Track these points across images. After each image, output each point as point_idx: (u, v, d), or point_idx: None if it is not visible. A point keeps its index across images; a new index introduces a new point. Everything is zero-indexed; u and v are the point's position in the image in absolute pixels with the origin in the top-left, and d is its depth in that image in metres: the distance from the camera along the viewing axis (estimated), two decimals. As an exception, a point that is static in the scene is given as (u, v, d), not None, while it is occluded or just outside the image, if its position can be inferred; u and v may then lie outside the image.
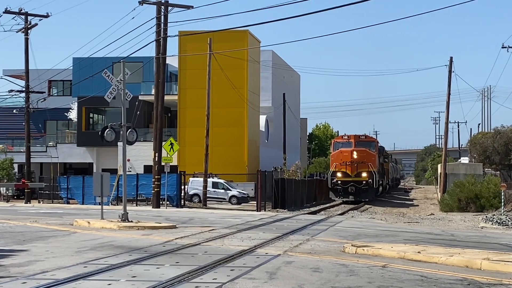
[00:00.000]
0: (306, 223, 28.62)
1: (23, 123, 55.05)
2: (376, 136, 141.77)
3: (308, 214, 40.20)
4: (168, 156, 42.67)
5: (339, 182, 53.92)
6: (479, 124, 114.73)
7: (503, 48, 54.61)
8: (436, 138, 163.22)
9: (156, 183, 41.59)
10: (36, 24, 51.70)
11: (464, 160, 73.33)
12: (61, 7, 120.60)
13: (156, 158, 41.57)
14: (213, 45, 48.33)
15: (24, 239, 19.84)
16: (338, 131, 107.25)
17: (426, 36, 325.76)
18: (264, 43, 79.80)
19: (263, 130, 67.66)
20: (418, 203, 61.18)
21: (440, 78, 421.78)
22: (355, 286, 12.14)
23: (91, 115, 67.96)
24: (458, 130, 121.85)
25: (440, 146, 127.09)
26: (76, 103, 65.01)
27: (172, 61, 61.06)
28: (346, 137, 56.47)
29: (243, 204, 49.10)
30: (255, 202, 43.17)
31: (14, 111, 59.69)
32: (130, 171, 52.41)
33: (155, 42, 41.44)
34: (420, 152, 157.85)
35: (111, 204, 45.54)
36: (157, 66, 42.42)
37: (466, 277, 13.36)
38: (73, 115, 67.33)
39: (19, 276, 12.76)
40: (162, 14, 41.19)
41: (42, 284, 11.89)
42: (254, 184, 47.14)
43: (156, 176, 41.54)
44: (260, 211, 40.49)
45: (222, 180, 51.64)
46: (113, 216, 27.91)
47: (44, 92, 58.06)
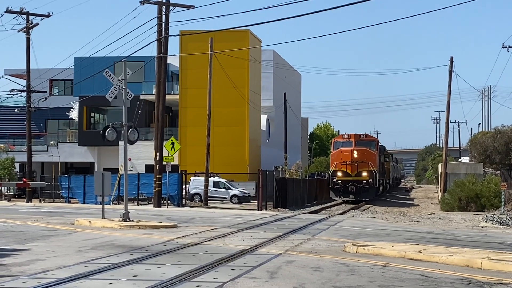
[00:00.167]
0: (307, 223, 28.63)
1: (25, 123, 55.09)
2: (377, 136, 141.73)
3: (309, 213, 40.18)
4: (169, 155, 42.70)
5: (340, 181, 53.23)
6: (479, 123, 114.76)
7: (503, 48, 54.60)
8: (436, 138, 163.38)
9: (157, 182, 41.62)
10: (38, 24, 51.77)
11: (465, 159, 73.34)
12: (62, 7, 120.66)
13: (157, 157, 41.60)
14: (214, 44, 48.36)
15: (25, 238, 19.87)
16: (339, 131, 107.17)
17: (426, 36, 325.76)
18: (265, 43, 79.81)
19: (264, 130, 67.68)
20: (418, 202, 61.13)
21: (441, 77, 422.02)
22: (356, 286, 12.16)
23: (93, 115, 68.01)
24: (459, 129, 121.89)
25: (441, 146, 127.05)
26: (78, 102, 65.09)
27: (173, 60, 61.07)
28: (347, 136, 55.78)
29: (244, 203, 49.11)
30: (256, 202, 43.17)
31: (16, 110, 59.76)
32: (131, 171, 52.46)
33: (156, 41, 41.47)
34: (420, 152, 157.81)
35: (112, 203, 45.56)
36: (158, 65, 42.45)
37: (467, 276, 13.38)
38: (74, 114, 67.39)
39: (21, 275, 12.79)
40: (163, 13, 41.23)
41: (43, 283, 11.92)
42: (255, 184, 47.14)
43: (157, 176, 41.57)
44: (261, 210, 40.49)
45: (223, 180, 51.66)
46: (114, 215, 27.94)
47: (46, 92, 58.14)
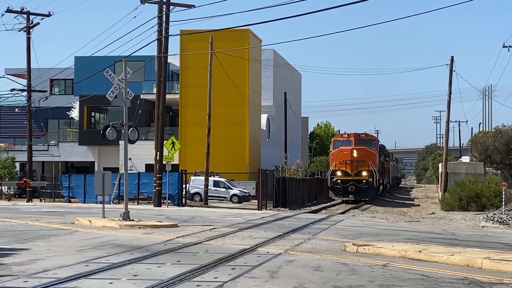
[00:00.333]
0: (307, 222, 28.64)
1: (25, 122, 55.10)
2: (377, 135, 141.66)
3: (309, 213, 40.19)
4: (170, 155, 42.71)
5: (339, 181, 52.53)
6: (480, 123, 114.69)
7: (504, 47, 54.73)
8: (437, 137, 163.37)
9: (157, 181, 41.63)
10: (38, 23, 51.78)
11: (465, 159, 73.22)
12: (63, 6, 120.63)
13: (158, 157, 41.61)
14: (214, 44, 48.36)
15: (26, 238, 19.88)
16: (339, 130, 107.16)
17: (427, 36, 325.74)
18: (265, 42, 79.82)
19: (264, 129, 67.68)
20: (419, 202, 61.12)
21: (441, 77, 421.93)
22: (356, 285, 12.15)
23: (93, 114, 68.01)
24: (459, 129, 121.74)
25: (441, 145, 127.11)
26: (78, 102, 65.10)
27: (174, 60, 61.06)
28: (346, 135, 55.19)
29: (244, 203, 49.11)
30: (256, 201, 43.18)
31: (16, 110, 59.83)
32: (132, 170, 52.44)
33: (156, 41, 41.48)
34: (421, 151, 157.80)
35: (113, 203, 45.54)
36: (158, 65, 42.45)
37: (467, 276, 13.38)
38: (74, 114, 67.39)
39: (21, 275, 12.79)
40: (164, 13, 41.23)
41: (43, 282, 11.91)
42: (255, 183, 47.14)
43: (157, 175, 41.58)
44: (261, 210, 40.50)
45: (223, 179, 51.65)
46: (114, 214, 27.95)
47: (46, 91, 58.21)
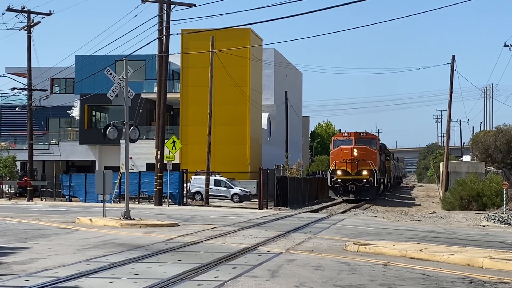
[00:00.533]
0: (308, 221, 28.62)
1: (26, 121, 55.10)
2: (378, 134, 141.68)
3: (310, 212, 40.16)
4: (171, 154, 42.69)
5: (339, 180, 52.14)
6: (481, 122, 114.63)
7: (505, 46, 54.75)
8: (438, 137, 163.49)
9: (158, 181, 41.61)
10: (39, 22, 51.73)
11: (466, 158, 73.18)
12: (63, 5, 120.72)
13: (159, 156, 41.59)
14: (215, 43, 48.33)
15: (27, 237, 19.88)
16: (340, 129, 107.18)
17: (428, 35, 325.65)
18: (266, 41, 79.68)
19: (265, 128, 67.66)
20: (420, 201, 61.10)
21: (442, 76, 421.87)
22: (357, 285, 12.14)
23: (94, 113, 68.02)
24: (460, 128, 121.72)
25: (442, 145, 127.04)
26: (79, 101, 65.13)
27: (175, 59, 61.04)
28: (346, 134, 54.79)
29: (245, 202, 49.08)
30: (257, 200, 43.15)
31: (17, 109, 59.78)
32: (133, 169, 52.43)
33: (157, 40, 41.46)
34: (422, 150, 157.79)
35: (113, 202, 45.56)
36: (159, 64, 42.44)
37: (468, 275, 13.37)
38: (75, 113, 67.40)
39: (22, 274, 12.78)
40: (165, 12, 41.21)
41: (44, 281, 11.91)
42: (256, 182, 47.09)
43: (158, 174, 41.56)
44: (262, 209, 40.48)
45: (224, 178, 51.62)
46: (115, 214, 27.94)
47: (47, 90, 58.20)
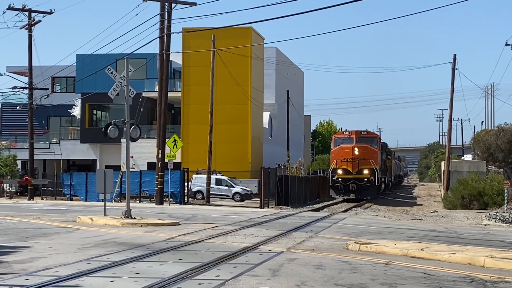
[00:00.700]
0: (309, 220, 28.62)
1: (27, 120, 55.11)
2: (380, 133, 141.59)
3: (311, 211, 40.16)
4: (172, 153, 42.66)
5: (340, 179, 51.93)
6: (482, 121, 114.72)
7: (506, 45, 54.67)
8: (439, 136, 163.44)
9: (159, 180, 41.59)
10: (40, 21, 51.73)
11: (468, 157, 73.16)
12: (64, 4, 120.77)
13: (160, 155, 41.58)
14: (216, 42, 48.27)
15: (27, 236, 19.87)
16: (341, 128, 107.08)
17: (429, 34, 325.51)
18: (267, 40, 79.57)
19: (267, 127, 67.65)
20: (421, 200, 61.09)
21: (444, 75, 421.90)
22: (358, 283, 12.12)
23: (95, 112, 68.03)
24: (462, 127, 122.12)
25: (444, 144, 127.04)
26: (80, 99, 65.13)
27: (176, 57, 61.05)
28: (347, 132, 54.51)
29: (246, 201, 49.05)
30: (259, 199, 43.13)
31: (18, 107, 59.79)
32: (134, 168, 52.43)
33: (158, 39, 41.44)
34: (423, 150, 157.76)
35: (114, 201, 45.58)
36: (160, 63, 42.43)
37: (469, 274, 13.35)
38: (76, 111, 67.41)
39: (22, 273, 12.77)
40: (166, 11, 41.20)
41: (45, 280, 11.89)
42: (258, 181, 47.08)
43: (159, 173, 41.54)
44: (263, 208, 40.47)
45: (225, 177, 51.60)
46: (116, 213, 27.93)
47: (48, 89, 58.18)
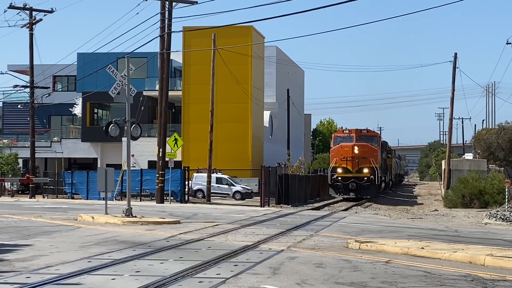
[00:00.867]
0: (309, 219, 28.65)
1: (28, 118, 55.12)
2: (380, 132, 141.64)
3: (312, 209, 40.18)
4: (172, 151, 42.68)
5: (340, 178, 51.58)
6: (483, 120, 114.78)
7: (507, 44, 54.63)
8: (440, 134, 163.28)
9: (160, 178, 41.62)
10: (41, 20, 51.75)
11: (468, 156, 73.14)
12: (65, 2, 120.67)
13: (160, 153, 41.60)
14: (217, 40, 48.28)
15: (29, 234, 19.91)
16: (342, 127, 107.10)
17: (430, 32, 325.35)
18: (268, 39, 79.76)
19: (267, 126, 67.65)
20: (421, 199, 61.08)
21: (445, 74, 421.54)
22: (358, 282, 12.15)
23: (96, 111, 68.07)
24: (462, 126, 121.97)
25: (444, 142, 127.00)
26: (81, 98, 65.13)
27: (176, 56, 61.06)
28: (347, 131, 54.21)
29: (247, 199, 49.07)
30: (259, 198, 43.16)
31: (19, 106, 59.75)
32: (134, 167, 52.50)
33: (159, 37, 41.44)
34: (424, 148, 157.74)
35: (115, 199, 45.61)
36: (161, 61, 42.43)
37: (470, 273, 13.37)
38: (77, 110, 67.45)
39: (24, 271, 12.80)
40: (167, 9, 41.20)
41: (46, 278, 11.93)
42: (258, 180, 47.11)
43: (160, 172, 41.57)
44: (263, 206, 40.49)
45: (226, 176, 51.61)
46: (117, 211, 27.97)
47: (49, 87, 58.12)
